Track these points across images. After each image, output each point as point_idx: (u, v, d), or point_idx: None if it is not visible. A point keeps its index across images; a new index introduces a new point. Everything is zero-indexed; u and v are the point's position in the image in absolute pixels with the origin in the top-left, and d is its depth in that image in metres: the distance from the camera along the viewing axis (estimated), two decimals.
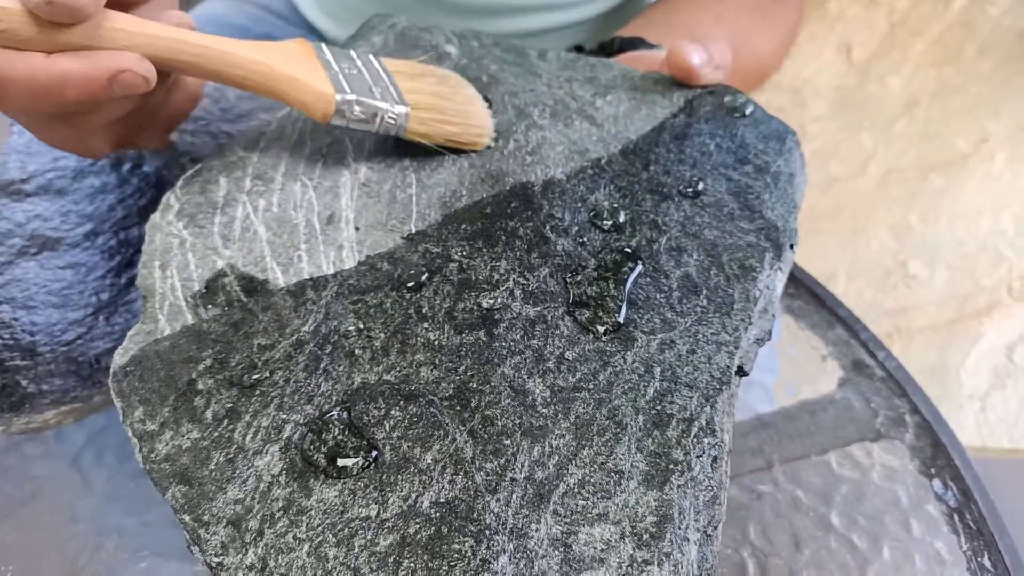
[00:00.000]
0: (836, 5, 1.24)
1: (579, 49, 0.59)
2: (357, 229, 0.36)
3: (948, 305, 0.95)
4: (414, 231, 0.36)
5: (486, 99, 0.43)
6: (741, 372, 0.33)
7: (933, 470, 0.44)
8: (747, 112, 0.43)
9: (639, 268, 0.35)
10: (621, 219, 0.37)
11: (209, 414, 0.30)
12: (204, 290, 0.34)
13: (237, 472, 0.29)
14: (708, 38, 0.46)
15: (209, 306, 0.33)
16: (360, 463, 0.29)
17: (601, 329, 0.33)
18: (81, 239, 0.48)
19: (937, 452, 0.45)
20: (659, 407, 0.31)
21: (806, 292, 0.53)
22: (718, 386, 0.32)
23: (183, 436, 0.30)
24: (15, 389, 0.40)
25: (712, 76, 0.45)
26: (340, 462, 0.29)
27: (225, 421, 0.30)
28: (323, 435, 0.29)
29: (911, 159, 1.10)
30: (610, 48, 0.57)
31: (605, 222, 0.37)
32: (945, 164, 1.09)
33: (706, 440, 0.30)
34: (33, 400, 0.40)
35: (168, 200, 0.37)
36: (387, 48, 0.46)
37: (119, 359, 0.32)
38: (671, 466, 0.29)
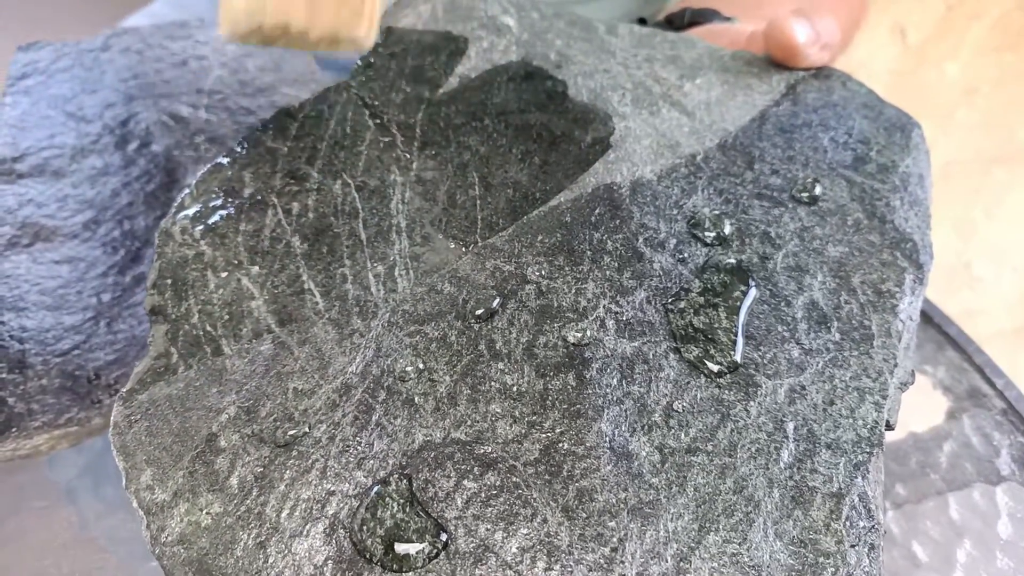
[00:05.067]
0: None
1: (641, 23, 0.52)
2: (411, 241, 0.30)
3: (1017, 309, 0.88)
4: (480, 243, 0.30)
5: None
6: (887, 427, 0.27)
7: None
8: (857, 99, 0.37)
9: (753, 292, 0.29)
10: (726, 230, 0.31)
11: (235, 480, 0.24)
12: (227, 317, 0.28)
13: (270, 561, 0.23)
14: (812, 10, 0.39)
15: (233, 338, 0.27)
16: (426, 551, 0.22)
17: (714, 369, 0.27)
18: (80, 229, 0.42)
19: None
20: (798, 477, 0.24)
21: None
22: (868, 448, 0.25)
23: (202, 510, 0.24)
24: (0, 408, 0.34)
25: (818, 57, 0.38)
26: (400, 549, 0.22)
27: (255, 491, 0.24)
28: (378, 512, 0.23)
29: (972, 151, 1.03)
30: (679, 21, 0.50)
31: (707, 233, 0.31)
32: (1009, 157, 1.01)
33: (861, 524, 0.24)
34: (22, 422, 0.34)
35: (183, 201, 0.30)
36: (435, 19, 0.39)
37: (122, 407, 0.26)
38: (821, 559, 0.23)
